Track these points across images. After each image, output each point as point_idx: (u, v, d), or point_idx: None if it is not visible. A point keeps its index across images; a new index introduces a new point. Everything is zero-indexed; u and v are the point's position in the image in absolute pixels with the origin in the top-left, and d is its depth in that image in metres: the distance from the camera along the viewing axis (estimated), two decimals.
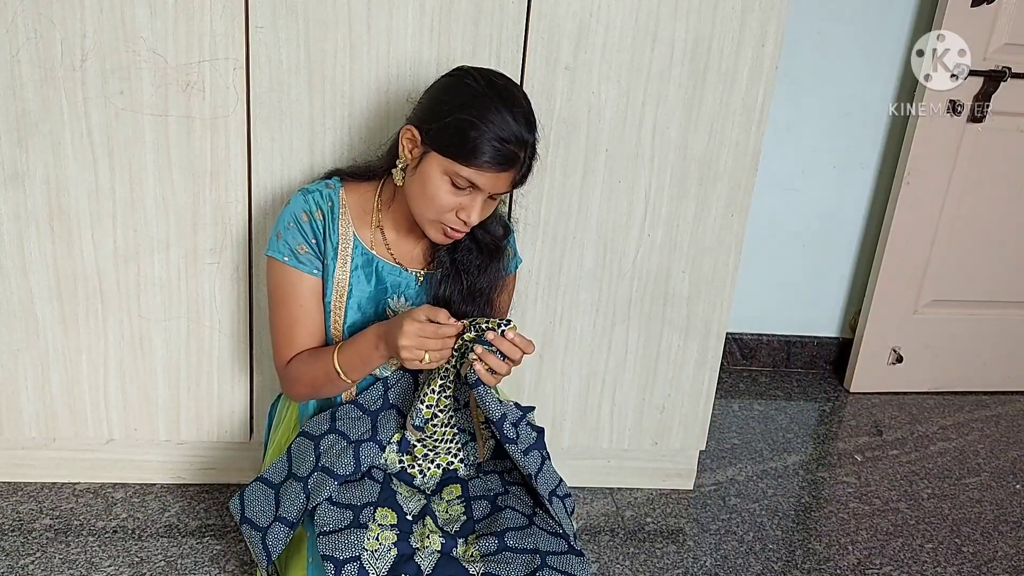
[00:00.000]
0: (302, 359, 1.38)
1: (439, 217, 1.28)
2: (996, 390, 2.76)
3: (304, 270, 1.36)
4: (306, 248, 1.35)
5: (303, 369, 1.37)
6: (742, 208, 1.78)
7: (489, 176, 1.24)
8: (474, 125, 1.22)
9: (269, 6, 1.51)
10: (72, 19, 1.48)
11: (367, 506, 1.27)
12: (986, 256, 2.59)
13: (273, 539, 1.25)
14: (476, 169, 1.23)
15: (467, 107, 1.23)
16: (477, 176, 1.23)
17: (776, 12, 1.65)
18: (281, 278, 1.37)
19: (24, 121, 1.53)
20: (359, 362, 1.31)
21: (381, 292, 1.39)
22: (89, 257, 1.63)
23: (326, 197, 1.37)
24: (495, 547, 1.24)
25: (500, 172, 1.24)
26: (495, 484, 1.39)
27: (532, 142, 1.28)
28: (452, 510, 1.33)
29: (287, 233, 1.35)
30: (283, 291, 1.38)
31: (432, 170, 1.26)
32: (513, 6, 1.57)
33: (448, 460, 1.41)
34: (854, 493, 2.12)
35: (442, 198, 1.26)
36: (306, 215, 1.35)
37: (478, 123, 1.22)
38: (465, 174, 1.23)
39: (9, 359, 1.69)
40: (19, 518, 1.72)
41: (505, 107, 1.23)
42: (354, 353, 1.31)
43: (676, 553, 1.83)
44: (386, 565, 1.18)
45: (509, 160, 1.24)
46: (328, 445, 1.32)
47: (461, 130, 1.22)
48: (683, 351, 1.88)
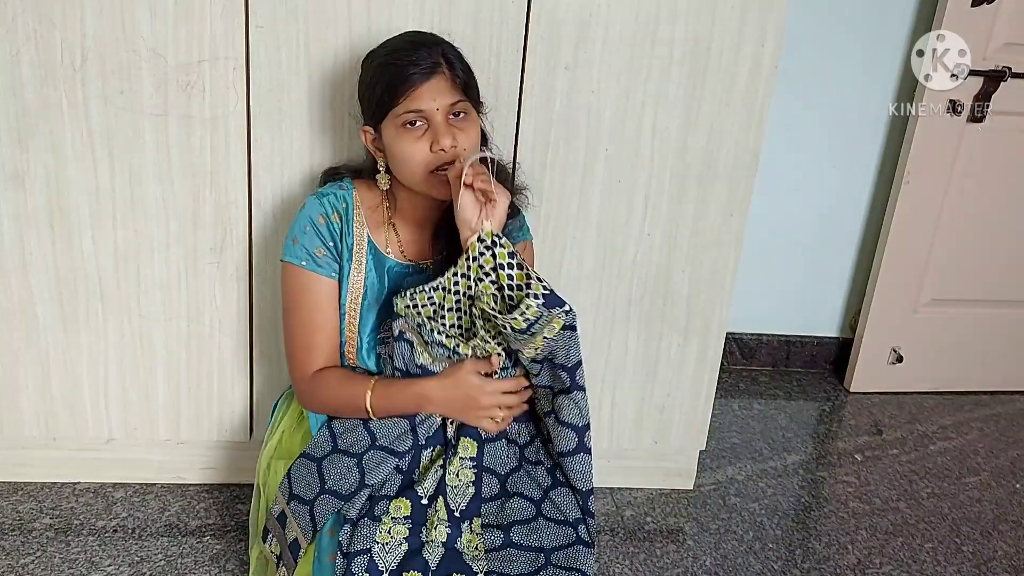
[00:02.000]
0: (329, 382, 1.35)
1: (424, 167, 1.27)
2: (996, 390, 2.75)
3: (323, 273, 1.35)
4: (324, 251, 1.35)
5: (329, 392, 1.35)
6: (742, 208, 1.78)
7: (423, 93, 1.25)
8: (384, 66, 1.28)
9: (269, 6, 1.51)
10: (72, 19, 1.48)
11: (384, 499, 1.27)
12: (986, 256, 2.59)
13: (320, 511, 1.26)
14: (407, 96, 1.25)
15: (378, 65, 1.30)
16: (413, 101, 1.25)
17: (776, 12, 1.65)
18: (298, 283, 1.35)
19: (24, 121, 1.53)
20: (392, 409, 1.31)
21: (393, 293, 1.39)
22: (89, 257, 1.63)
23: (341, 199, 1.37)
24: (500, 542, 1.24)
25: (427, 82, 1.25)
26: (511, 457, 1.36)
27: (443, 44, 1.30)
28: (463, 475, 1.31)
29: (304, 237, 1.34)
30: (301, 296, 1.35)
31: (389, 135, 1.29)
32: (513, 6, 1.57)
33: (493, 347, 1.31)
34: (854, 493, 2.12)
35: (412, 150, 1.26)
36: (323, 218, 1.35)
37: (386, 62, 1.29)
38: (403, 109, 1.25)
39: (9, 359, 1.69)
40: (19, 518, 1.72)
41: (401, 39, 1.32)
42: (391, 400, 1.31)
43: (676, 553, 1.83)
44: (396, 559, 1.18)
45: (428, 68, 1.25)
46: (380, 425, 1.32)
47: (379, 80, 1.28)
48: (683, 351, 1.88)
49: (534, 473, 1.35)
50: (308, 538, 1.26)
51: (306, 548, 1.27)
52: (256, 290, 1.69)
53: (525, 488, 1.33)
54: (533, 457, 1.37)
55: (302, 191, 1.62)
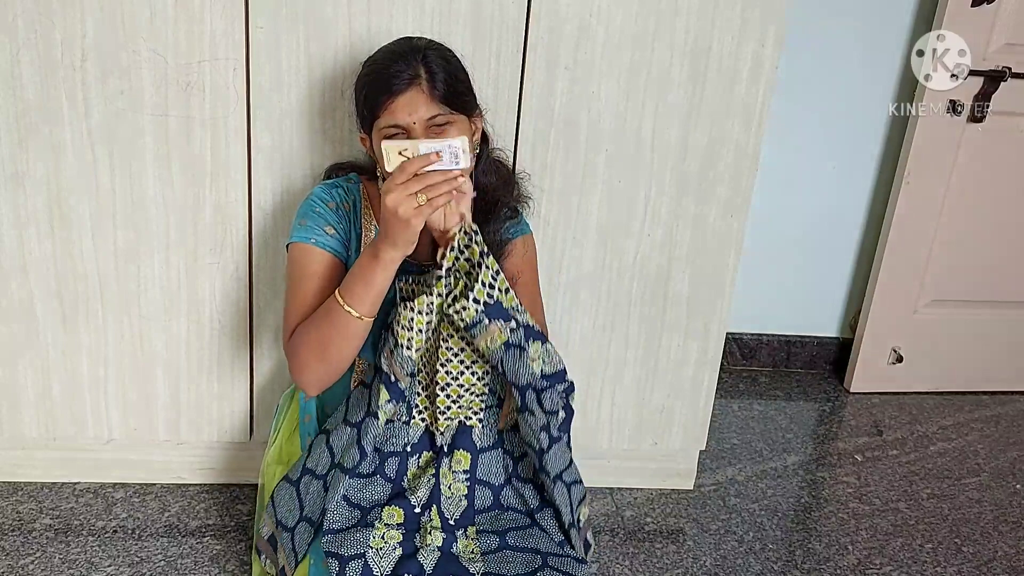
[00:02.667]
0: (303, 323, 1.29)
1: None
2: (996, 390, 2.75)
3: (328, 248, 1.33)
4: (333, 230, 1.34)
5: (307, 326, 1.27)
6: (742, 208, 1.78)
7: (398, 107, 1.23)
8: (367, 76, 1.29)
9: (269, 6, 1.51)
10: (72, 19, 1.48)
11: (376, 506, 1.27)
12: (986, 256, 2.59)
13: (300, 540, 1.26)
14: (385, 109, 1.23)
15: (364, 74, 1.31)
16: (391, 115, 1.23)
17: (776, 12, 1.65)
18: (302, 258, 1.33)
19: (24, 121, 1.53)
20: (361, 282, 1.21)
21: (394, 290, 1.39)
22: (89, 257, 1.63)
23: (349, 192, 1.38)
24: (496, 545, 1.24)
25: (403, 96, 1.22)
26: (502, 470, 1.35)
27: (427, 51, 1.26)
28: (455, 487, 1.30)
29: (312, 218, 1.34)
30: (302, 269, 1.32)
31: (377, 146, 1.26)
32: (513, 6, 1.57)
33: (467, 415, 1.32)
34: (854, 493, 2.12)
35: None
36: (332, 203, 1.36)
37: (369, 71, 1.29)
38: (383, 123, 1.24)
39: (9, 359, 1.69)
40: (19, 518, 1.72)
41: (389, 47, 1.30)
42: (353, 273, 1.23)
43: (676, 553, 1.83)
44: (390, 564, 1.18)
45: (405, 80, 1.23)
46: (338, 438, 1.31)
47: (363, 89, 1.28)
48: (683, 351, 1.88)
49: (522, 489, 1.35)
50: (292, 567, 1.27)
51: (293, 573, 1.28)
52: (256, 290, 1.69)
53: (516, 503, 1.34)
54: (524, 474, 1.37)
55: (302, 191, 1.61)
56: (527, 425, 1.28)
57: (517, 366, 1.22)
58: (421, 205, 1.13)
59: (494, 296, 1.20)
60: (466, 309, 1.18)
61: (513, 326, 1.21)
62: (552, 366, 1.26)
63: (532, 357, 1.23)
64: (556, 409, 1.28)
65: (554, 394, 1.27)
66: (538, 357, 1.24)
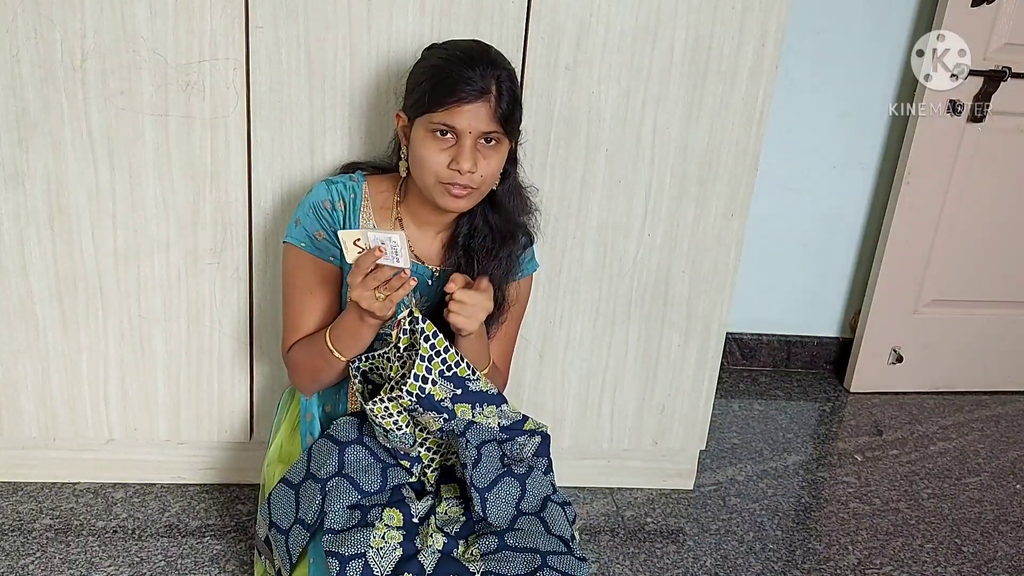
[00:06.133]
0: (300, 344, 1.38)
1: (436, 177, 1.27)
2: (996, 390, 2.76)
3: (319, 256, 1.37)
4: (324, 235, 1.36)
5: (301, 354, 1.37)
6: (742, 208, 1.78)
7: (463, 113, 1.23)
8: (437, 69, 1.27)
9: (269, 6, 1.51)
10: (72, 19, 1.48)
11: (375, 507, 1.27)
12: (986, 256, 2.59)
13: (294, 542, 1.27)
14: (447, 109, 1.23)
15: (432, 65, 1.29)
16: (450, 116, 1.24)
17: (776, 12, 1.65)
18: (295, 264, 1.38)
19: (24, 121, 1.53)
20: (348, 336, 1.30)
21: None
22: (89, 257, 1.63)
23: (349, 189, 1.38)
24: (495, 546, 1.24)
25: (471, 104, 1.23)
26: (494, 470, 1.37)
27: (501, 70, 1.27)
28: (451, 511, 1.33)
29: (305, 219, 1.36)
30: (296, 277, 1.38)
31: (418, 135, 1.28)
32: (513, 6, 1.57)
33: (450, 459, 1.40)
34: (854, 493, 2.12)
35: (432, 155, 1.26)
36: (328, 203, 1.36)
37: (440, 66, 1.27)
38: (438, 119, 1.24)
39: (9, 359, 1.69)
40: (19, 518, 1.72)
41: (465, 48, 1.29)
42: (342, 327, 1.31)
43: (676, 553, 1.83)
44: (390, 564, 1.18)
45: (477, 90, 1.23)
46: (355, 456, 1.32)
47: (427, 80, 1.27)
48: (683, 351, 1.88)
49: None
50: (288, 570, 1.27)
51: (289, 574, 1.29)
52: (256, 290, 1.69)
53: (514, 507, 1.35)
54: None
55: (302, 191, 1.61)
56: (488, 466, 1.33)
57: (458, 444, 1.30)
58: (381, 300, 1.22)
59: (425, 390, 1.26)
60: (401, 398, 1.26)
61: (446, 416, 1.28)
62: (508, 419, 1.35)
63: (486, 415, 1.32)
64: (522, 457, 1.35)
65: (515, 446, 1.34)
66: (492, 415, 1.33)
